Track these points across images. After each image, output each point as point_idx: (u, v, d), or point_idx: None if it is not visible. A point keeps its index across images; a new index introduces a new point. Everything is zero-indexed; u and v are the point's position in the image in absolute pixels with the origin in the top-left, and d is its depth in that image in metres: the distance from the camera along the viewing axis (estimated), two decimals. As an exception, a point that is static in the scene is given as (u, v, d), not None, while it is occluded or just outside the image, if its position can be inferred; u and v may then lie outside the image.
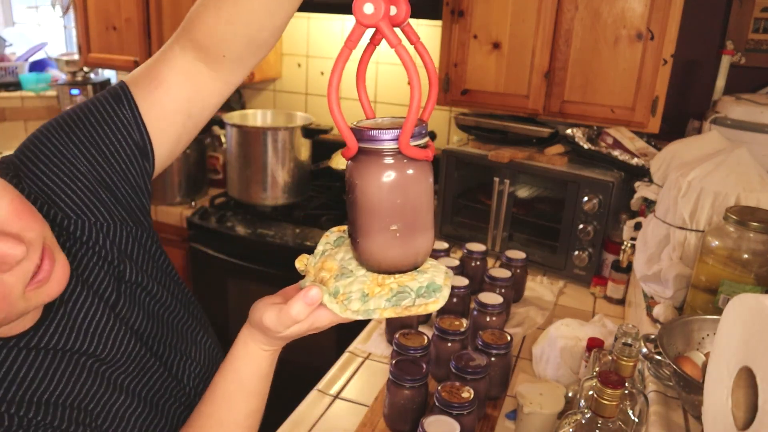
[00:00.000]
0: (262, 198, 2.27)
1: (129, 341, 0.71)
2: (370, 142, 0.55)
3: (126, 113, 0.70)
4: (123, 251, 0.73)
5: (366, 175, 0.55)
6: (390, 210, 0.56)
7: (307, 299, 0.57)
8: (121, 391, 0.69)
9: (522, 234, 1.93)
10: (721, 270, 1.06)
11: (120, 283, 0.72)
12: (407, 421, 1.10)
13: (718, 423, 0.65)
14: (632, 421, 0.91)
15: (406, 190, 0.55)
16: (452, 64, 1.95)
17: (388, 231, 0.56)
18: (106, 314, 0.69)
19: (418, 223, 0.57)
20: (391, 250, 0.57)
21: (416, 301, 0.57)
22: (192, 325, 0.82)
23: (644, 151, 1.77)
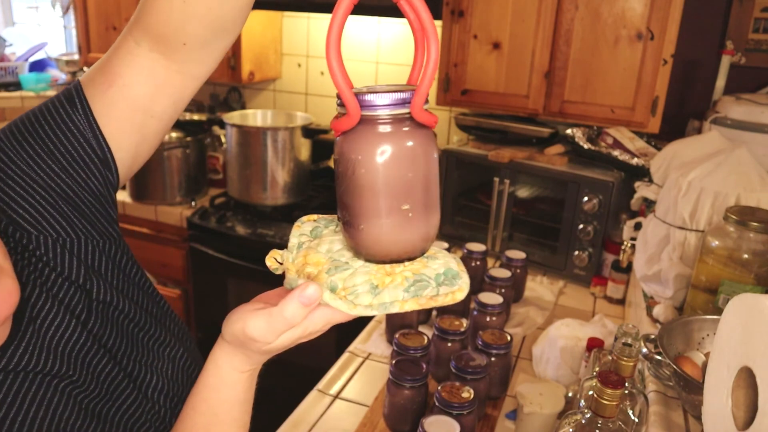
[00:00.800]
0: (262, 198, 2.27)
1: (101, 360, 0.66)
2: (375, 108, 0.45)
3: (80, 119, 0.63)
4: (90, 267, 0.66)
5: (371, 147, 0.46)
6: (401, 187, 0.47)
7: (304, 298, 0.49)
8: (93, 416, 0.64)
9: (522, 234, 1.93)
10: (721, 270, 1.06)
11: (89, 300, 0.66)
12: (407, 421, 1.10)
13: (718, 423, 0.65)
14: (632, 421, 0.91)
15: (416, 161, 0.47)
16: (452, 64, 1.95)
17: (399, 211, 0.48)
18: (77, 331, 0.64)
19: (429, 200, 0.49)
20: (404, 234, 0.49)
21: (440, 290, 0.49)
22: (167, 341, 0.75)
23: (644, 151, 1.77)
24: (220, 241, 2.21)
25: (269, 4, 2.32)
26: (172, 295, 2.40)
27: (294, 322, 0.50)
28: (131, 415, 0.68)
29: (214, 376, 0.59)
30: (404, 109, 0.46)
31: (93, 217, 0.67)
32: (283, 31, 2.60)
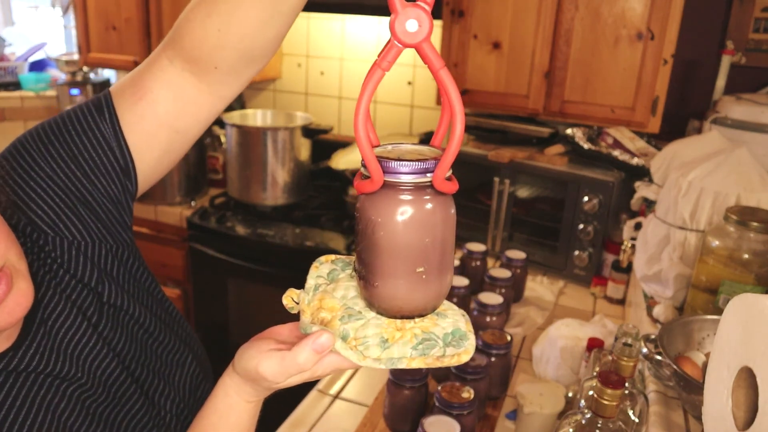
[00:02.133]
0: (262, 198, 2.27)
1: (110, 364, 0.67)
2: (398, 176, 0.47)
3: (107, 128, 0.65)
4: (102, 270, 0.68)
5: (392, 211, 0.48)
6: (418, 251, 0.49)
7: (317, 346, 0.51)
8: (99, 421, 0.64)
9: (522, 234, 1.93)
10: (721, 270, 1.06)
11: (101, 303, 0.68)
12: (407, 421, 1.10)
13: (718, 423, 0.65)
14: (632, 421, 0.91)
15: (434, 227, 0.50)
16: (452, 64, 1.95)
17: (414, 273, 0.49)
18: (88, 334, 0.65)
19: (444, 264, 0.52)
20: (416, 294, 0.50)
21: (446, 350, 0.51)
22: (175, 347, 0.76)
23: (644, 151, 1.77)
24: (220, 241, 2.21)
25: (269, 4, 2.32)
26: (172, 295, 2.40)
27: (306, 367, 0.52)
28: (138, 421, 0.69)
29: (223, 403, 0.60)
30: (426, 178, 0.48)
31: (109, 223, 0.68)
32: (283, 31, 2.60)
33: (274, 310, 1.11)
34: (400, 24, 0.44)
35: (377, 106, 2.51)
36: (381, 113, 2.52)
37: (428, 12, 0.45)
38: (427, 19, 0.44)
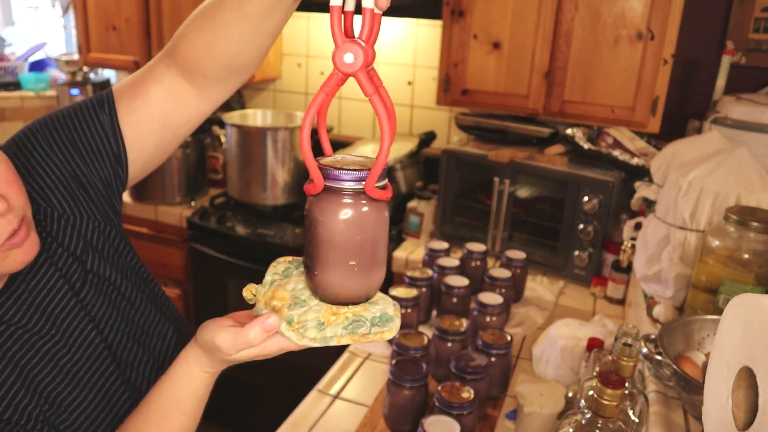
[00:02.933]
0: (262, 198, 2.27)
1: (86, 327, 0.73)
2: (337, 182, 0.56)
3: (105, 118, 0.74)
4: (88, 242, 0.75)
5: (330, 212, 0.57)
6: (350, 246, 0.58)
7: (266, 326, 0.59)
8: (68, 377, 0.70)
9: (522, 234, 1.93)
10: (721, 270, 1.06)
11: (84, 271, 0.74)
12: (407, 421, 1.10)
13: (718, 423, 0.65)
14: (632, 421, 0.91)
15: (365, 228, 0.58)
16: (452, 64, 1.95)
17: (347, 266, 0.58)
18: (67, 297, 0.71)
19: (374, 259, 0.60)
20: (349, 283, 0.60)
21: (372, 329, 0.60)
22: (156, 319, 0.82)
23: (644, 151, 1.77)
24: (220, 241, 2.21)
25: (269, 4, 2.32)
26: (172, 295, 2.40)
27: (254, 343, 0.60)
28: (108, 381, 0.74)
29: (183, 370, 0.68)
30: (360, 185, 0.55)
31: (98, 202, 0.76)
32: (283, 31, 2.60)
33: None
34: (339, 56, 0.54)
35: (377, 106, 2.51)
36: (381, 113, 2.52)
37: (363, 47, 0.53)
38: (362, 52, 0.53)
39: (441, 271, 1.52)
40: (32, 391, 0.67)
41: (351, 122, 2.58)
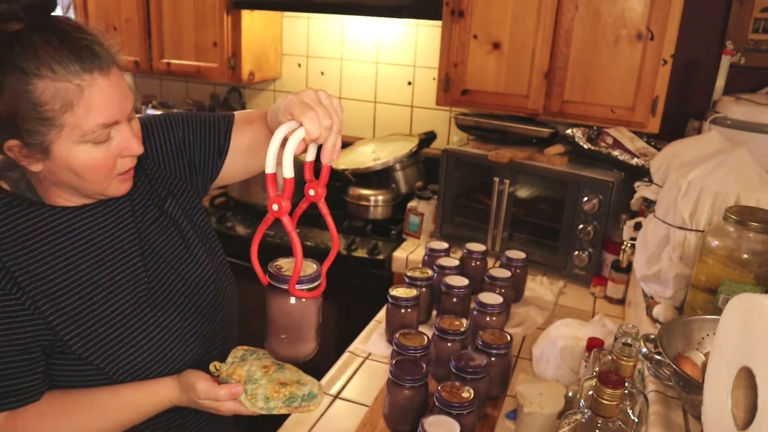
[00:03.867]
0: (262, 198, 2.27)
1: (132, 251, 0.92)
2: (275, 281, 0.83)
3: (222, 123, 1.04)
4: (173, 193, 1.00)
5: (271, 300, 0.85)
6: (282, 325, 0.86)
7: (233, 391, 0.86)
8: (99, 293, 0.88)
9: (522, 234, 1.93)
10: (721, 270, 1.06)
11: (160, 212, 0.97)
12: (407, 421, 1.10)
13: (718, 423, 0.65)
14: (632, 421, 0.91)
15: (291, 314, 0.85)
16: (452, 64, 1.95)
17: (279, 338, 0.87)
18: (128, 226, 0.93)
19: (301, 335, 0.87)
20: (282, 350, 0.88)
21: (302, 404, 0.88)
22: (204, 262, 1.02)
23: (644, 151, 1.77)
24: (220, 241, 2.21)
25: (269, 4, 2.32)
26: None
27: (220, 399, 0.86)
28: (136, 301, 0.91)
29: (156, 394, 0.89)
30: (285, 286, 0.82)
31: (194, 173, 1.02)
32: (283, 31, 2.60)
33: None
34: (269, 205, 0.78)
35: (377, 106, 2.52)
36: (381, 113, 2.52)
37: (285, 203, 0.78)
38: (283, 205, 0.77)
39: (441, 271, 1.52)
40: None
41: (351, 122, 2.58)
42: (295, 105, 0.79)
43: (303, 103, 0.79)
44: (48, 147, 0.79)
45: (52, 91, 0.76)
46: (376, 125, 2.55)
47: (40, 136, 0.78)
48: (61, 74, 0.76)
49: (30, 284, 0.82)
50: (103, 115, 0.79)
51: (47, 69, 0.75)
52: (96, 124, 0.79)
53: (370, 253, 1.99)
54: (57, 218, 0.86)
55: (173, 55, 2.51)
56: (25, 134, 0.77)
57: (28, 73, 0.75)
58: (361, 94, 2.52)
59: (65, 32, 0.77)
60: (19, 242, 0.82)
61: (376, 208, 2.19)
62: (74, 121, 0.78)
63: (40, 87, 0.75)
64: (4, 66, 0.75)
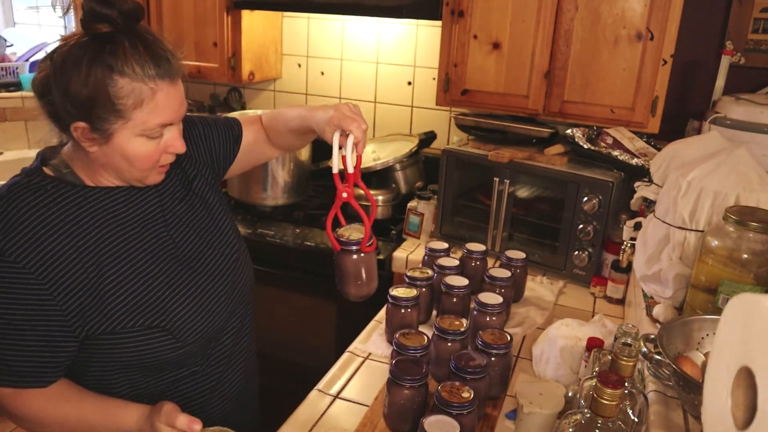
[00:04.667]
0: (262, 198, 2.27)
1: (160, 229, 1.04)
2: (347, 245, 1.09)
3: (234, 121, 1.27)
4: (202, 173, 1.16)
5: (345, 260, 1.10)
6: (355, 274, 1.11)
7: (192, 424, 0.93)
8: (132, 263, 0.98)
9: (522, 234, 1.93)
10: (720, 270, 1.06)
11: (188, 191, 1.12)
12: (407, 421, 1.10)
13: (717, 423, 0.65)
14: (632, 420, 0.91)
15: (362, 264, 1.10)
16: (452, 64, 1.95)
17: (356, 284, 1.11)
18: (155, 208, 1.05)
19: (370, 278, 1.12)
20: (360, 290, 1.12)
21: None
22: (230, 230, 1.17)
23: (644, 151, 1.77)
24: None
25: (269, 4, 2.32)
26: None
27: (177, 426, 0.93)
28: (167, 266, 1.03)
29: (124, 411, 0.98)
30: (356, 247, 1.09)
31: (216, 160, 1.20)
32: (283, 31, 2.60)
33: (273, 309, 1.11)
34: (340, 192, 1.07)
35: (377, 106, 2.52)
36: (381, 113, 2.52)
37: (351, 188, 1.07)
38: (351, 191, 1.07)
39: (441, 271, 1.52)
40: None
41: (351, 122, 2.57)
42: (342, 118, 1.04)
43: (346, 116, 1.04)
44: (111, 134, 0.91)
45: (129, 89, 0.89)
46: (376, 125, 2.55)
47: (107, 124, 0.90)
48: (140, 76, 0.89)
49: (69, 262, 0.92)
50: (164, 116, 0.93)
51: (130, 69, 0.88)
52: (156, 123, 0.93)
53: (370, 253, 1.99)
54: (97, 195, 0.98)
55: (173, 55, 2.51)
56: (96, 120, 0.90)
57: (113, 69, 0.87)
58: (361, 94, 2.52)
59: (149, 42, 0.91)
60: (60, 223, 0.93)
61: (377, 208, 2.19)
62: (140, 117, 0.91)
63: (120, 83, 0.88)
64: (95, 60, 0.87)
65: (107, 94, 0.88)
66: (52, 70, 0.89)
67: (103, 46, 0.88)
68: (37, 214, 0.92)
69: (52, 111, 0.92)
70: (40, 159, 1.00)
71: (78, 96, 0.88)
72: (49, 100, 0.91)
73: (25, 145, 3.05)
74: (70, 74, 0.88)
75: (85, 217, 0.95)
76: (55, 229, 0.92)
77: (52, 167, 0.98)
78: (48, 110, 0.93)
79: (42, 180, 0.95)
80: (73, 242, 0.93)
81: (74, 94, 0.88)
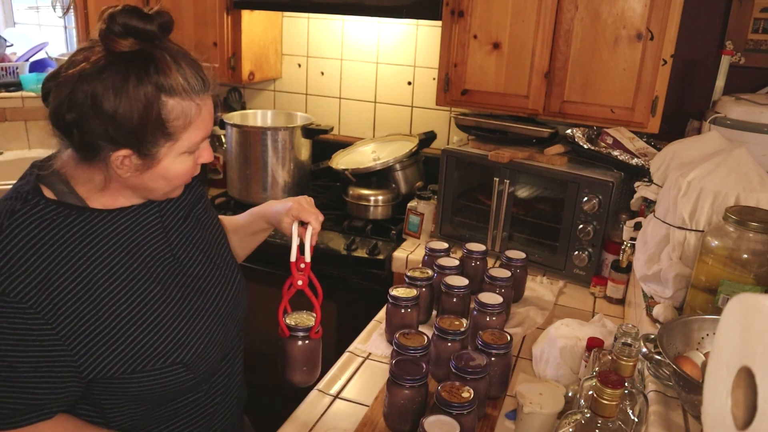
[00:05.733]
0: (263, 198, 2.27)
1: (165, 253, 0.98)
2: (295, 332, 1.13)
3: None
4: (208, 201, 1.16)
5: (292, 346, 1.13)
6: (302, 361, 1.14)
7: None
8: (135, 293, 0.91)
9: (522, 234, 1.93)
10: (720, 270, 1.06)
11: (189, 215, 1.07)
12: (407, 421, 1.10)
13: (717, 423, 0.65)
14: (632, 420, 0.91)
15: (309, 351, 1.14)
16: (452, 64, 1.95)
17: (302, 370, 1.14)
18: (157, 231, 0.98)
19: (315, 364, 1.16)
20: (304, 377, 1.15)
21: None
22: (228, 253, 1.15)
23: (644, 151, 1.77)
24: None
25: (269, 4, 2.32)
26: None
27: None
28: (176, 286, 0.98)
29: None
30: (304, 333, 1.13)
31: None
32: (283, 31, 2.60)
33: (273, 310, 1.12)
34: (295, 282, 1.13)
35: (377, 106, 2.52)
36: (381, 113, 2.52)
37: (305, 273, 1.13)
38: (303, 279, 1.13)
39: (441, 271, 1.52)
40: None
41: (351, 123, 2.58)
42: (301, 210, 1.10)
43: (305, 209, 1.10)
44: (157, 158, 0.86)
45: (180, 109, 0.84)
46: (376, 125, 2.55)
47: (156, 148, 0.85)
48: (188, 94, 0.85)
49: (74, 292, 0.85)
50: (206, 131, 0.91)
51: (179, 87, 0.83)
52: (200, 139, 0.90)
53: (370, 253, 1.99)
54: (102, 220, 0.90)
55: (173, 55, 2.51)
56: (144, 145, 0.84)
57: (163, 89, 0.82)
58: (361, 94, 2.52)
59: (187, 56, 0.87)
60: (67, 254, 0.86)
61: (376, 208, 2.19)
62: (187, 136, 0.87)
63: (170, 104, 0.83)
64: (142, 80, 0.81)
65: (158, 117, 0.82)
66: (85, 96, 0.80)
67: (146, 64, 0.81)
68: (42, 249, 0.83)
69: (85, 142, 0.83)
70: (35, 177, 0.89)
71: (126, 122, 0.81)
72: (83, 131, 0.82)
73: (25, 145, 3.06)
74: (114, 99, 0.80)
75: (93, 247, 0.87)
76: (62, 263, 0.84)
77: (50, 186, 0.88)
78: (79, 142, 0.83)
79: (44, 207, 0.86)
80: (81, 276, 0.85)
81: (121, 120, 0.80)
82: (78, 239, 0.86)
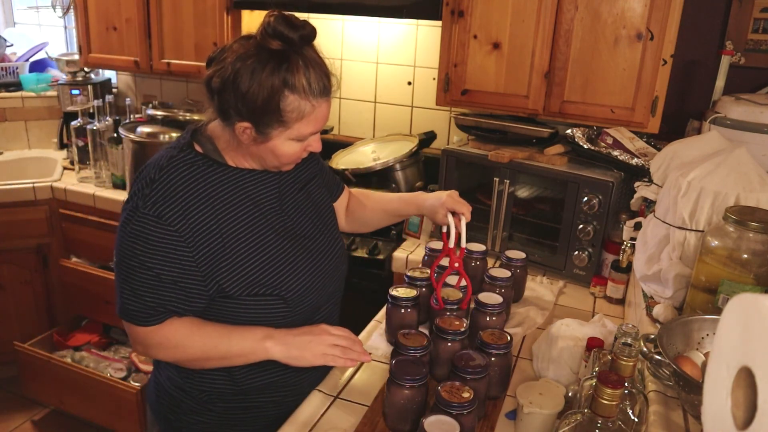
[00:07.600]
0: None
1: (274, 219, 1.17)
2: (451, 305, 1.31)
3: (340, 183, 1.48)
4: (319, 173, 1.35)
5: None
6: None
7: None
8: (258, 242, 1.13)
9: (522, 234, 1.93)
10: (720, 270, 1.06)
11: (302, 190, 1.26)
12: (407, 421, 1.10)
13: (717, 423, 0.65)
14: (632, 420, 0.91)
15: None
16: (452, 64, 1.95)
17: None
18: (274, 196, 1.18)
19: None
20: None
21: None
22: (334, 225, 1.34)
23: (644, 151, 1.77)
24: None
25: (269, 4, 2.32)
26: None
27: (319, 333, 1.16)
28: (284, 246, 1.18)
29: (249, 331, 1.13)
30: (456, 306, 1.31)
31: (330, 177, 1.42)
32: (283, 31, 2.60)
33: (274, 310, 1.12)
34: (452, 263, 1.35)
35: (377, 106, 2.52)
36: (381, 113, 2.52)
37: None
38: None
39: (441, 271, 1.52)
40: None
41: (351, 123, 2.58)
42: (455, 203, 1.33)
43: (458, 201, 1.33)
44: (270, 137, 1.05)
45: (296, 104, 1.02)
46: (376, 125, 2.55)
47: (270, 129, 1.04)
48: (307, 94, 1.02)
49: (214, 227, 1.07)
50: (316, 127, 1.08)
51: (301, 87, 1.01)
52: (309, 132, 1.07)
53: (370, 253, 1.99)
54: (236, 175, 1.12)
55: (173, 55, 2.51)
56: (261, 125, 1.03)
57: (287, 84, 1.00)
58: (361, 94, 2.53)
59: (318, 64, 1.05)
60: (206, 195, 1.07)
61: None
62: (297, 127, 1.05)
63: (290, 98, 1.01)
64: (274, 73, 0.99)
65: (278, 106, 1.01)
66: (230, 72, 1.00)
67: (281, 62, 0.99)
68: (189, 187, 1.06)
69: (222, 108, 1.05)
70: (191, 134, 1.13)
71: (252, 102, 1.00)
72: (221, 98, 1.03)
73: (25, 145, 3.06)
74: (249, 81, 0.99)
75: (225, 194, 1.09)
76: (202, 201, 1.06)
77: (200, 143, 1.11)
78: (217, 106, 1.05)
79: (194, 157, 1.09)
80: (215, 214, 1.07)
81: (249, 100, 1.00)
82: (215, 186, 1.09)
